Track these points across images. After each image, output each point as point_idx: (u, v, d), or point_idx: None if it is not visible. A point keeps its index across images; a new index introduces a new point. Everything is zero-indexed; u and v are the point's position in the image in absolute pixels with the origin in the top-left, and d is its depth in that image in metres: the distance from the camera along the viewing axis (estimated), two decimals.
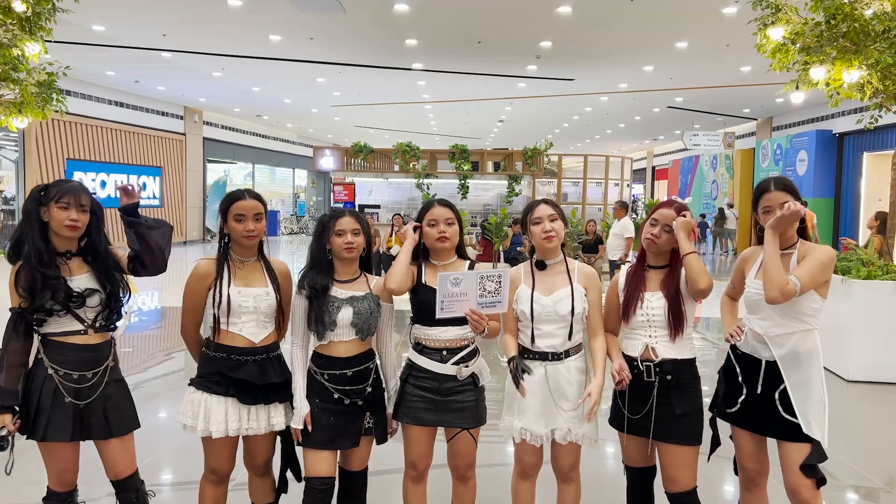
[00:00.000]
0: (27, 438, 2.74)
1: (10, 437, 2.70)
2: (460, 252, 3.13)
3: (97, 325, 2.82)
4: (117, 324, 2.95)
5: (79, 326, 2.78)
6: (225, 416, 2.85)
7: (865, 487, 4.30)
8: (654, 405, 2.87)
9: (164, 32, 12.50)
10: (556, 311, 2.95)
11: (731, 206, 21.97)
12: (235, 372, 2.86)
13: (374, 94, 18.67)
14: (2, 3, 6.32)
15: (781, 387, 2.81)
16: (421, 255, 3.14)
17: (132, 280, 3.03)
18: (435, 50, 13.50)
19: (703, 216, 23.89)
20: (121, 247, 2.96)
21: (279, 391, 2.95)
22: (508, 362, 2.96)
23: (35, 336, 2.77)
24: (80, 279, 2.79)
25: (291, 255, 20.11)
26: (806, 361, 2.81)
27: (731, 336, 2.97)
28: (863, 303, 6.42)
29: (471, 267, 3.05)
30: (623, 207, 11.31)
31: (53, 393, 2.72)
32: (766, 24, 6.87)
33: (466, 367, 3.00)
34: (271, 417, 2.94)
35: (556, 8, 10.57)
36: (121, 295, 2.89)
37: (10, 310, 2.71)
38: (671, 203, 2.98)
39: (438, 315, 2.85)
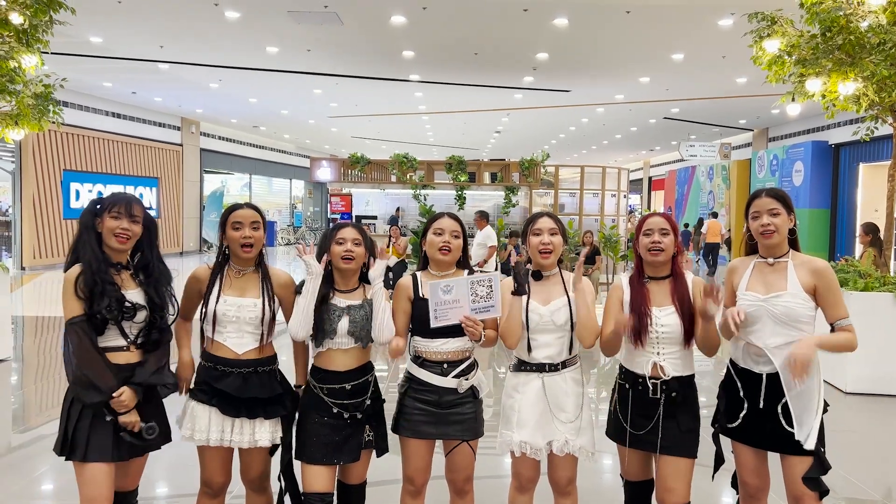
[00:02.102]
0: (66, 459, 2.69)
1: (146, 428, 2.73)
2: (462, 264, 3.13)
3: (138, 341, 2.81)
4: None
5: (122, 342, 2.76)
6: (208, 424, 2.87)
7: (863, 500, 4.29)
8: (661, 420, 2.85)
9: (162, 44, 12.51)
10: (553, 321, 2.93)
11: (715, 215, 22.12)
12: (218, 382, 2.89)
13: (371, 105, 18.70)
14: None
15: (784, 400, 2.79)
16: (420, 265, 3.15)
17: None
18: (432, 61, 13.54)
19: (686, 225, 23.99)
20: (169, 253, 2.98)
21: (264, 407, 2.93)
22: (516, 268, 2.87)
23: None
24: (130, 293, 2.79)
25: (288, 265, 20.09)
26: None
27: (729, 309, 2.85)
28: (860, 314, 6.34)
29: (469, 274, 3.04)
30: (484, 217, 11.43)
31: (94, 412, 2.68)
32: (761, 36, 6.90)
33: (466, 379, 3.00)
34: (255, 433, 2.92)
35: (553, 20, 10.61)
36: (168, 313, 2.88)
37: (72, 319, 2.66)
38: (655, 213, 3.01)
39: (433, 324, 2.85)
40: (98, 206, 2.81)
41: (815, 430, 2.75)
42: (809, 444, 2.73)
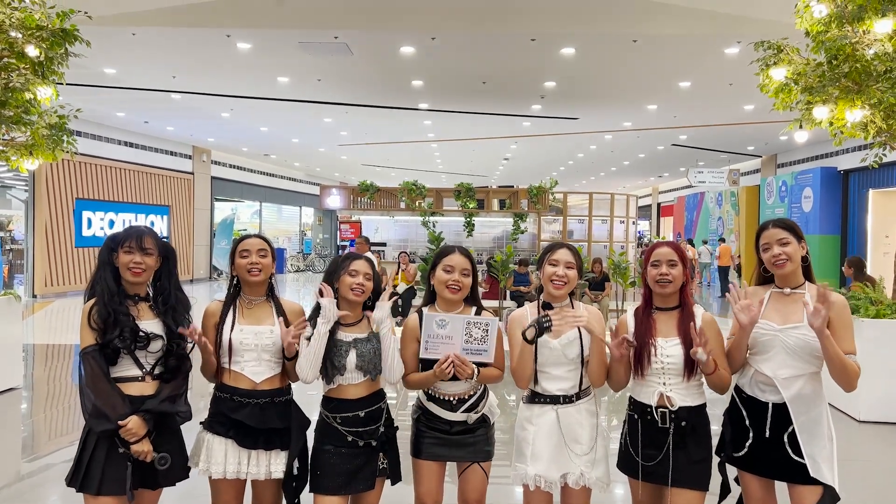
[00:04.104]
0: (78, 491, 2.69)
1: (159, 458, 2.72)
2: (471, 300, 3.11)
3: (155, 371, 2.81)
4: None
5: (137, 372, 2.77)
6: (224, 457, 2.86)
7: None
8: (671, 451, 2.82)
9: (174, 75, 12.70)
10: (564, 355, 2.92)
11: (704, 241, 22.34)
12: (236, 413, 2.87)
13: (381, 133, 18.87)
14: (15, 49, 6.44)
15: (790, 428, 2.77)
16: (426, 299, 3.15)
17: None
18: (440, 90, 13.67)
19: None
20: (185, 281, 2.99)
21: (281, 437, 2.93)
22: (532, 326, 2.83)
23: None
24: (147, 323, 2.82)
25: (297, 292, 20.13)
26: (814, 403, 2.78)
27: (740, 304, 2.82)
28: (872, 342, 6.36)
29: (477, 314, 3.04)
30: (367, 242, 10.81)
31: (109, 443, 2.69)
32: (768, 64, 6.93)
33: (476, 412, 3.01)
34: (272, 464, 2.91)
35: (560, 49, 10.72)
36: (187, 341, 2.89)
37: (85, 348, 2.71)
38: (664, 243, 2.99)
39: (422, 355, 2.88)
40: (114, 242, 2.85)
41: (829, 464, 2.72)
42: (828, 479, 2.70)
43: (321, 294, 2.90)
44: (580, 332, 2.93)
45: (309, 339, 2.91)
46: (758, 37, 7.16)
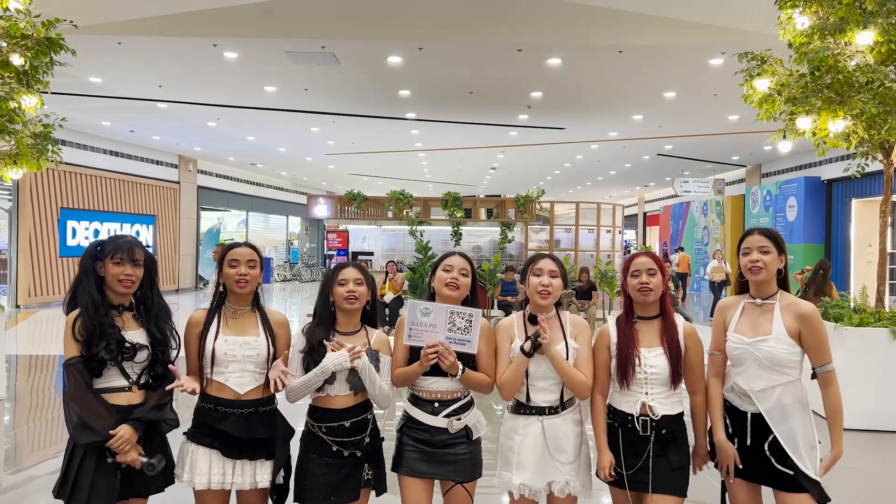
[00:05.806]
0: (66, 503, 2.67)
1: (146, 464, 2.69)
2: (470, 303, 3.11)
3: (141, 381, 2.80)
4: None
5: (123, 383, 2.75)
6: (209, 468, 2.83)
7: None
8: (651, 458, 2.84)
9: (161, 84, 12.65)
10: (551, 368, 2.92)
11: (681, 249, 22.54)
12: (220, 424, 2.85)
13: (368, 142, 18.86)
14: (0, 57, 6.40)
15: (770, 437, 2.80)
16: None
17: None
18: (428, 100, 13.70)
19: None
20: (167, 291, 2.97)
21: (266, 447, 2.91)
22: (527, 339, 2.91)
23: None
24: (132, 334, 2.80)
25: (284, 302, 20.04)
26: (793, 412, 2.81)
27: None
28: (856, 350, 6.42)
29: None
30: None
31: (97, 454, 2.66)
32: (752, 75, 7.00)
33: (458, 419, 2.97)
34: (257, 474, 2.89)
35: (546, 60, 10.78)
36: (171, 347, 2.88)
37: (69, 360, 2.68)
38: (642, 253, 3.02)
39: (405, 341, 2.89)
40: (98, 249, 2.82)
41: (815, 470, 2.76)
42: (813, 473, 2.74)
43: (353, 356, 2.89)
44: (567, 345, 2.94)
45: (302, 351, 2.91)
46: (742, 48, 7.23)
